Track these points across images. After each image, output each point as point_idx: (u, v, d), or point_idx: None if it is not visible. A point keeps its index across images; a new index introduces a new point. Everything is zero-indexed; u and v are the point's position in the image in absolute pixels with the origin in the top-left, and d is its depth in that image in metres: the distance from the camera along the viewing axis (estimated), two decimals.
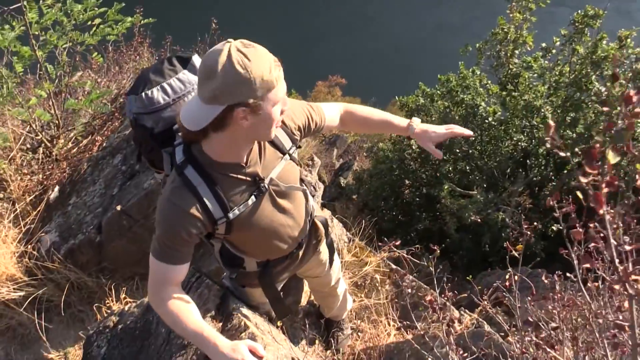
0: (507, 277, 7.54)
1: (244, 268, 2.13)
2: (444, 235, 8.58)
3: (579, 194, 1.02)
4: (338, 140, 14.04)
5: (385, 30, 33.14)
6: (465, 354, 1.93)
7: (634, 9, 30.65)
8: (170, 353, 2.16)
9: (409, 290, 3.51)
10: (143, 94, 1.85)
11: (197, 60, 1.93)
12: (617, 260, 1.04)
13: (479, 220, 7.70)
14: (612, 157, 0.87)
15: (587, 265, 1.26)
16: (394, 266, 3.74)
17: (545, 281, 2.33)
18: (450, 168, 8.75)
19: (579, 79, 7.51)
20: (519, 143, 8.45)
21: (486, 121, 8.41)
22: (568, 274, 2.12)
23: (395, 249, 4.18)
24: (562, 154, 0.99)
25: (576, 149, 7.76)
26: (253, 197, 1.79)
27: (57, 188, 3.86)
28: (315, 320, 3.32)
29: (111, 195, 3.44)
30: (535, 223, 8.17)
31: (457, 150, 8.73)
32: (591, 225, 1.34)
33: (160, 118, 1.86)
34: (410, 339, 2.85)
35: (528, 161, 8.73)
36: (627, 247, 1.05)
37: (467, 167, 8.86)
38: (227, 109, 1.51)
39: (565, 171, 8.39)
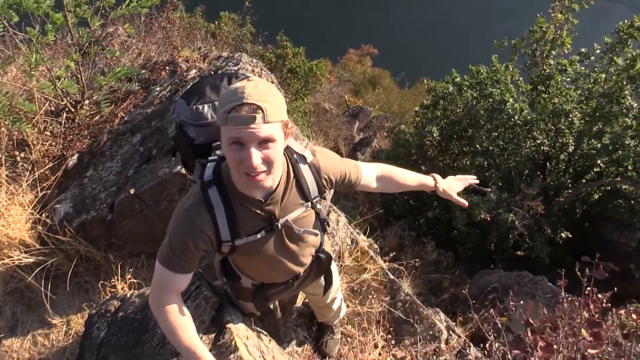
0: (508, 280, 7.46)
1: (240, 283, 2.22)
2: (452, 226, 8.61)
3: None
4: (361, 113, 13.95)
5: (430, 3, 31.90)
6: None
7: None
8: (163, 357, 2.28)
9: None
10: (194, 107, 1.98)
11: None
12: None
13: (488, 218, 7.72)
14: None
15: None
16: (391, 276, 3.81)
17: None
18: (468, 162, 8.70)
19: (612, 91, 7.33)
20: (542, 146, 8.34)
21: (512, 119, 8.28)
22: None
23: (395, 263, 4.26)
24: None
25: (598, 161, 7.67)
26: (264, 231, 1.85)
27: (76, 156, 3.95)
28: (308, 321, 3.43)
29: (126, 176, 3.52)
30: (545, 228, 8.12)
31: (478, 145, 8.64)
32: None
33: (204, 132, 1.98)
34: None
35: (547, 165, 8.64)
36: None
37: (485, 163, 8.80)
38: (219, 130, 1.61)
39: (584, 180, 8.30)
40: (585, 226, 8.56)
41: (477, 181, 2.45)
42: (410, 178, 2.30)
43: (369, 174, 2.16)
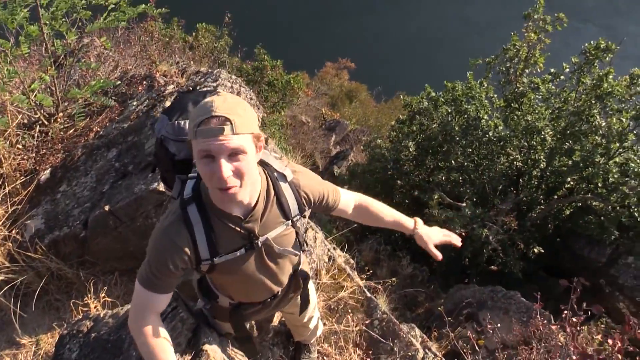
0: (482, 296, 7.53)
1: (217, 302, 2.20)
2: None
3: None
4: (338, 126, 14.02)
5: (408, 17, 32.11)
6: None
7: None
8: None
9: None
10: (176, 122, 1.98)
11: None
12: None
13: (463, 234, 7.80)
14: None
15: None
16: (369, 294, 3.81)
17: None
18: (444, 177, 8.80)
19: (581, 110, 7.53)
20: (515, 162, 8.49)
21: (486, 135, 8.43)
22: None
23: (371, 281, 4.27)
24: None
25: (569, 178, 7.83)
26: (243, 249, 1.83)
27: (49, 170, 3.87)
28: (284, 339, 3.41)
29: (101, 192, 3.47)
30: (518, 243, 8.25)
31: (453, 161, 8.76)
32: None
33: (184, 148, 1.96)
34: None
35: (520, 180, 8.80)
36: None
37: (460, 179, 8.92)
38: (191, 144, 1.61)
39: (556, 196, 8.47)
40: (556, 241, 8.73)
41: (460, 245, 2.33)
42: (388, 214, 2.26)
43: (347, 200, 2.17)
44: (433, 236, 2.28)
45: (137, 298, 1.80)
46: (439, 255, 2.22)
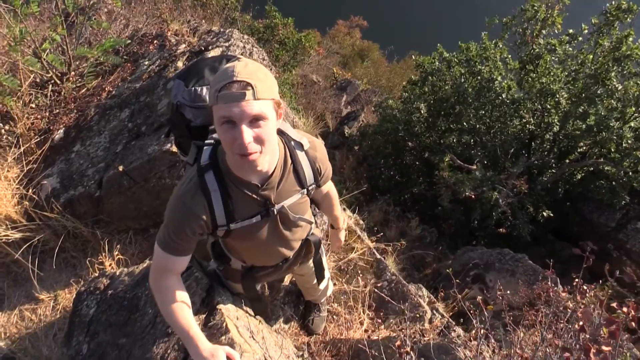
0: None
1: (230, 265, 2.26)
2: (436, 202, 8.69)
3: None
4: (349, 86, 13.86)
5: None
6: None
7: None
8: (154, 336, 2.31)
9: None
10: (193, 89, 1.96)
11: None
12: None
13: (472, 196, 7.82)
14: None
15: None
16: (378, 256, 3.86)
17: None
18: (455, 139, 8.74)
19: (598, 72, 7.38)
20: (527, 125, 8.40)
21: (499, 97, 8.32)
22: None
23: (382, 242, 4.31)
24: None
25: (582, 142, 7.76)
26: (259, 216, 1.87)
27: (62, 130, 3.89)
28: (295, 298, 3.49)
29: (115, 152, 3.49)
30: (527, 207, 8.25)
31: (465, 123, 8.68)
32: None
33: (201, 114, 1.96)
34: (379, 339, 3.00)
35: (533, 144, 8.73)
36: None
37: (472, 141, 8.85)
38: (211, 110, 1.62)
39: (567, 160, 8.41)
40: (566, 205, 8.72)
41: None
42: (338, 209, 2.48)
43: (328, 187, 2.24)
44: (341, 238, 2.74)
45: (157, 259, 1.85)
46: (338, 245, 2.78)
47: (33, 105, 3.98)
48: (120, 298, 2.71)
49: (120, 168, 3.29)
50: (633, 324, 1.49)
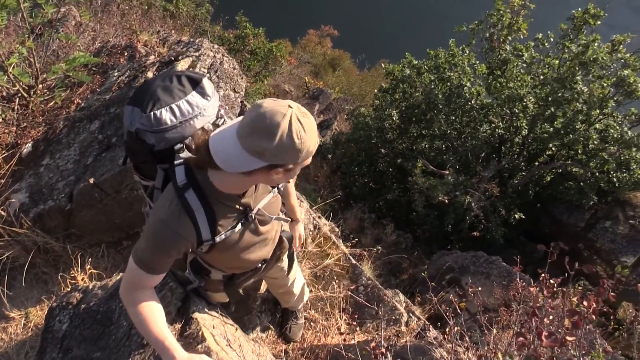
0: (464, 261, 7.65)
1: (210, 277, 2.25)
2: (410, 208, 8.78)
3: None
4: (321, 95, 13.93)
5: None
6: None
7: None
8: (129, 349, 2.28)
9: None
10: (152, 113, 1.84)
11: (207, 83, 1.94)
12: None
13: (446, 201, 7.92)
14: None
15: None
16: (354, 261, 3.89)
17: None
18: (427, 145, 8.86)
19: (565, 76, 7.58)
20: (497, 129, 8.57)
21: (469, 103, 8.47)
22: None
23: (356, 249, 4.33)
24: None
25: (550, 144, 7.94)
26: (240, 224, 1.88)
27: (30, 143, 3.82)
28: (272, 306, 3.48)
29: (85, 165, 3.44)
30: (499, 209, 8.40)
31: (436, 129, 8.81)
32: None
33: (164, 138, 1.87)
34: (355, 343, 3.01)
35: (503, 148, 8.91)
36: None
37: (444, 146, 8.97)
38: (268, 166, 1.58)
39: (537, 163, 8.60)
40: (537, 207, 8.90)
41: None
42: (294, 197, 2.51)
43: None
44: (301, 231, 2.71)
45: (131, 274, 1.81)
46: (299, 241, 2.70)
47: (0, 120, 3.90)
48: (94, 312, 2.66)
49: (91, 180, 3.24)
50: (593, 316, 1.55)
